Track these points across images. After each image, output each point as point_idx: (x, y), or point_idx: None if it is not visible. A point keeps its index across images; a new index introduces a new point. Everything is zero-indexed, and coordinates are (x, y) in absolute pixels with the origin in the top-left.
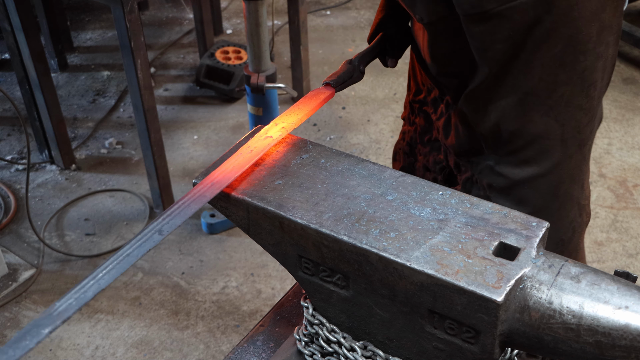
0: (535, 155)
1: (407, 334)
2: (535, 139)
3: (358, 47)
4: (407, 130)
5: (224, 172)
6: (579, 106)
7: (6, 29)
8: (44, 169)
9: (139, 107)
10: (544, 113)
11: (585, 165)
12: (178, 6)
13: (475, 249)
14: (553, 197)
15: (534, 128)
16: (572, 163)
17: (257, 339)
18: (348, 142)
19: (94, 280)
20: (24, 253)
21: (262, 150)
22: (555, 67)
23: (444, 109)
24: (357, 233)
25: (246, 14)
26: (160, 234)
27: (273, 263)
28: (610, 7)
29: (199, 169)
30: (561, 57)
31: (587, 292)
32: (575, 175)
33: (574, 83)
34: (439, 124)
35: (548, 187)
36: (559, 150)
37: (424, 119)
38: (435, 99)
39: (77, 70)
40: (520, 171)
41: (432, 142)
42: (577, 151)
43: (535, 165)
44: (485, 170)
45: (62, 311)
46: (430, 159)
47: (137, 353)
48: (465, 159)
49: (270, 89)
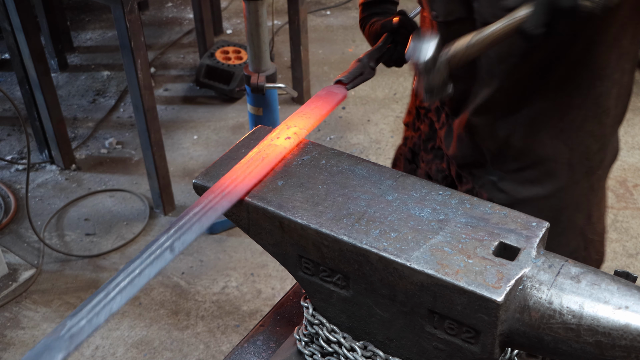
0: (540, 176)
1: (407, 334)
2: (542, 160)
3: (358, 47)
4: (410, 136)
5: (236, 181)
6: (590, 132)
7: (6, 29)
8: (44, 169)
9: (139, 107)
10: (554, 135)
11: (594, 197)
12: (178, 6)
13: (476, 249)
14: (554, 221)
15: (541, 149)
16: (577, 190)
17: (257, 339)
18: (348, 142)
19: (106, 301)
20: (24, 253)
21: (276, 158)
22: (571, 89)
23: (445, 119)
24: (357, 233)
25: (246, 14)
26: (172, 252)
27: (273, 263)
28: (630, 33)
29: (199, 169)
30: (578, 80)
31: (587, 292)
32: (580, 204)
33: (587, 107)
34: (441, 134)
35: (550, 210)
36: (565, 174)
37: (428, 125)
38: (437, 108)
39: (77, 70)
40: (523, 190)
41: (436, 150)
42: (583, 178)
43: (538, 185)
44: (488, 184)
45: (75, 334)
46: (432, 167)
47: (137, 353)
48: (467, 171)
49: (270, 89)
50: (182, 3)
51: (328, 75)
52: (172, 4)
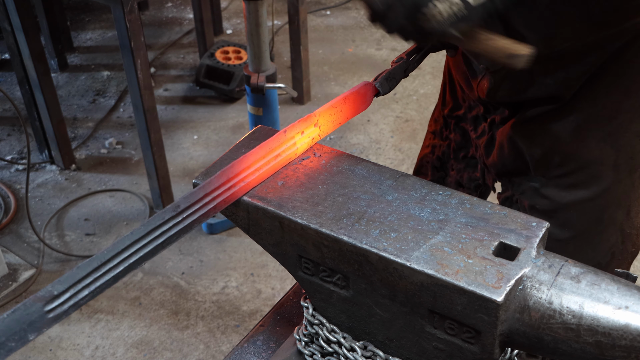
0: (586, 179)
1: (407, 334)
2: (589, 164)
3: (358, 47)
4: (438, 144)
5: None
6: (637, 132)
7: (6, 29)
8: (44, 169)
9: (139, 107)
10: (601, 139)
11: (635, 193)
12: (178, 6)
13: (476, 249)
14: (598, 221)
15: (588, 153)
16: (620, 188)
17: (257, 339)
18: (348, 142)
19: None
20: (24, 253)
21: (289, 158)
22: (621, 95)
23: (487, 128)
24: (357, 233)
25: (246, 14)
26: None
27: (273, 263)
28: None
29: (199, 169)
30: (628, 85)
31: (587, 292)
32: (621, 201)
33: (634, 110)
34: (479, 142)
35: (595, 211)
36: (611, 175)
37: (460, 135)
38: (477, 117)
39: (77, 70)
40: (568, 194)
41: (468, 159)
42: (626, 176)
43: (584, 189)
44: (529, 191)
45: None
46: (464, 176)
47: (137, 353)
48: (506, 179)
49: (270, 89)
50: (182, 3)
51: (328, 75)
52: (172, 4)
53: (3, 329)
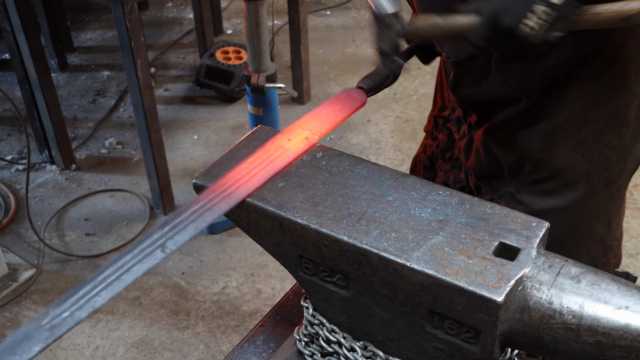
0: (558, 187)
1: (407, 334)
2: (560, 172)
3: (358, 47)
4: (429, 144)
5: (239, 182)
6: (609, 144)
7: (6, 29)
8: (44, 169)
9: (139, 107)
10: (571, 148)
11: (614, 205)
12: (178, 6)
13: (476, 249)
14: (573, 231)
15: (559, 161)
16: (597, 200)
17: (257, 339)
18: (348, 142)
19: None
20: (24, 253)
21: (282, 162)
22: (589, 103)
23: (467, 130)
24: (357, 233)
25: (246, 14)
26: (163, 251)
27: (273, 263)
28: None
29: (199, 169)
30: (596, 94)
31: (587, 292)
32: (600, 213)
33: (605, 120)
34: (461, 145)
35: (569, 221)
36: (583, 185)
37: (446, 135)
38: (458, 118)
39: (77, 70)
40: (542, 201)
41: (454, 160)
42: (603, 189)
43: (557, 197)
44: (506, 196)
45: (56, 325)
46: (450, 177)
47: (137, 353)
48: (485, 182)
49: (270, 89)
50: (182, 3)
51: (328, 75)
52: (172, 4)
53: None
